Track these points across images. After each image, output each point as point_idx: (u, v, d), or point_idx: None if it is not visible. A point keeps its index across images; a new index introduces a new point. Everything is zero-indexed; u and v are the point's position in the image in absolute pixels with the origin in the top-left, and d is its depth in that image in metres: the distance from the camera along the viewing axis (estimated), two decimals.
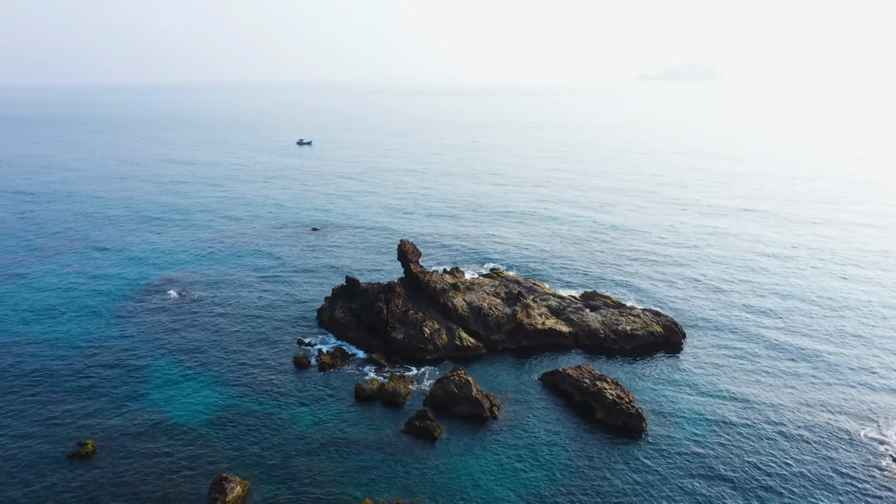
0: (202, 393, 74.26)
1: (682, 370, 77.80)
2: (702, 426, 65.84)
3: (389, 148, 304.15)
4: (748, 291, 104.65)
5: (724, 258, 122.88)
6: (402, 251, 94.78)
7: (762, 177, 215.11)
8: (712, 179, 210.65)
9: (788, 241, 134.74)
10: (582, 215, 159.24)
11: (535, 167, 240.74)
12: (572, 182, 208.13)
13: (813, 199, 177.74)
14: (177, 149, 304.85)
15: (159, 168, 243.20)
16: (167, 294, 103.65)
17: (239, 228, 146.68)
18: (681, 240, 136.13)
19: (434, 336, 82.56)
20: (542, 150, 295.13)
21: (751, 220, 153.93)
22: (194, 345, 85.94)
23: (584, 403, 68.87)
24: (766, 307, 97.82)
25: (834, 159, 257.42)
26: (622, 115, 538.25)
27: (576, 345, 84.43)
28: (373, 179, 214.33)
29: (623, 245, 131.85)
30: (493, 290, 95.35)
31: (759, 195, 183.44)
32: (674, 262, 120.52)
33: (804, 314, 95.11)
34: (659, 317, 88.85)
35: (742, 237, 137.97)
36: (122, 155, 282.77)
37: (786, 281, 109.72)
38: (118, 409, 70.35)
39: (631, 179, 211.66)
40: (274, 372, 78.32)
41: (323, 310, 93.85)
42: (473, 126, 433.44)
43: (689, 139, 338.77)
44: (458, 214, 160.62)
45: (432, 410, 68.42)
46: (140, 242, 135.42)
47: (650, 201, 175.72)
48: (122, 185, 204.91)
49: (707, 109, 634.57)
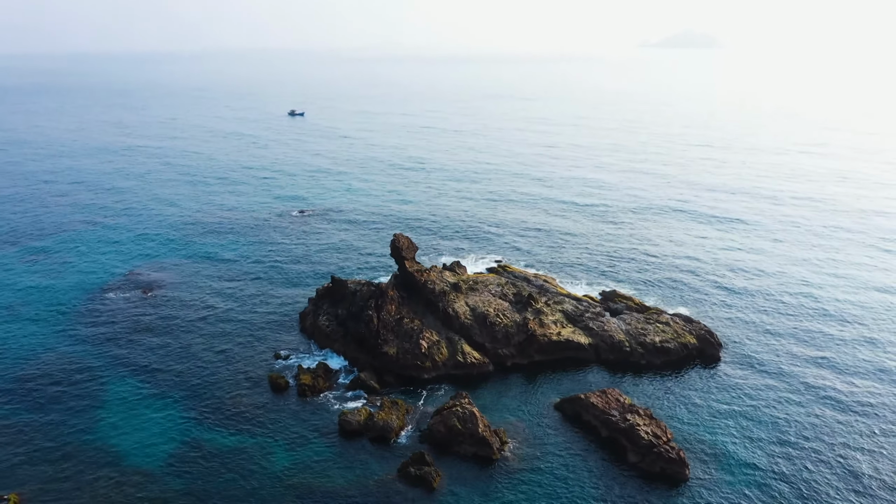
0: (161, 423, 62.86)
1: (723, 393, 66.37)
2: (753, 472, 54.62)
3: (386, 121, 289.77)
4: (790, 286, 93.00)
5: (757, 248, 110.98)
6: (396, 247, 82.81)
7: (789, 156, 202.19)
8: (732, 159, 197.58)
9: (831, 224, 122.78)
10: (591, 198, 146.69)
11: (539, 143, 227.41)
12: (580, 159, 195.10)
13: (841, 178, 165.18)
14: (154, 122, 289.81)
15: (129, 142, 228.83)
16: (130, 293, 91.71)
17: (216, 211, 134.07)
18: (707, 228, 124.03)
19: (433, 350, 70.95)
20: (545, 122, 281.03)
21: (788, 203, 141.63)
22: (157, 358, 74.33)
23: (613, 441, 57.56)
24: (818, 307, 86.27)
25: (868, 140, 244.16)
26: (626, 86, 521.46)
27: (597, 359, 72.95)
28: (367, 155, 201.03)
29: (641, 233, 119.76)
30: (499, 291, 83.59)
31: (786, 177, 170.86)
32: (699, 252, 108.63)
33: (857, 317, 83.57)
34: (691, 324, 77.30)
35: (779, 220, 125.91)
36: (89, 128, 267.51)
37: (834, 273, 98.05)
38: (56, 448, 58.90)
39: (642, 159, 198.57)
40: (246, 396, 66.81)
41: (305, 314, 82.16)
42: (478, 97, 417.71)
43: (701, 111, 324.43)
44: (457, 195, 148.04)
45: (431, 450, 57.14)
46: (102, 229, 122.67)
47: (666, 182, 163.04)
48: (85, 162, 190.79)
49: (714, 79, 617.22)
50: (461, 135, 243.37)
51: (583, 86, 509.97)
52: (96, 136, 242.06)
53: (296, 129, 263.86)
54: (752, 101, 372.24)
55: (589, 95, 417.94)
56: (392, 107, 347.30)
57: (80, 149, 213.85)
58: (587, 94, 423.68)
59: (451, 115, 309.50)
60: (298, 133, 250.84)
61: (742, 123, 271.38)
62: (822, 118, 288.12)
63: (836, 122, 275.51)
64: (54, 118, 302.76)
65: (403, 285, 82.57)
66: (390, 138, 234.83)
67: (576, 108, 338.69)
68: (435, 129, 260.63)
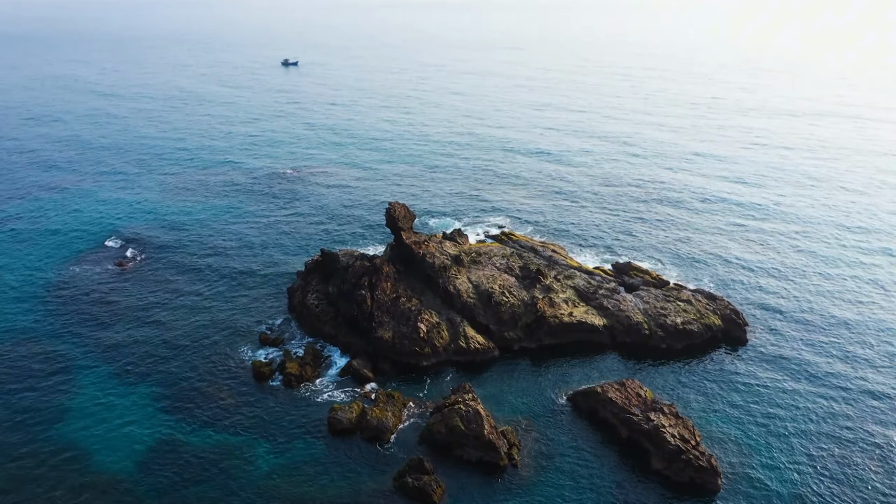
0: (134, 419, 56.94)
1: (753, 382, 60.17)
2: (791, 477, 48.80)
3: (385, 71, 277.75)
4: (824, 257, 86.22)
5: (782, 213, 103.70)
6: (392, 217, 75.64)
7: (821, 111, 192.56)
8: (754, 110, 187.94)
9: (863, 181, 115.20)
10: (600, 156, 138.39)
11: (539, 100, 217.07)
12: (588, 113, 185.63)
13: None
14: (135, 72, 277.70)
15: (111, 95, 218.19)
16: (103, 267, 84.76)
17: (200, 172, 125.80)
18: (728, 188, 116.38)
19: (432, 334, 64.47)
20: (550, 69, 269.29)
21: (824, 162, 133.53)
22: (131, 341, 67.94)
23: (635, 443, 51.59)
24: (853, 283, 79.65)
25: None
26: (630, 29, 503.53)
27: (612, 342, 66.57)
28: (363, 108, 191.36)
29: (654, 194, 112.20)
30: (504, 264, 76.74)
31: (816, 136, 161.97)
32: (721, 217, 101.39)
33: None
34: (714, 301, 70.71)
35: (813, 181, 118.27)
36: (68, 78, 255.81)
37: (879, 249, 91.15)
38: (15, 447, 53.02)
39: (651, 110, 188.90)
40: (227, 386, 60.65)
41: (294, 290, 75.47)
42: (482, 45, 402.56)
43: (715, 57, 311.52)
44: (459, 153, 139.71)
45: (430, 453, 51.23)
46: (71, 195, 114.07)
47: (679, 135, 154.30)
48: (62, 117, 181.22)
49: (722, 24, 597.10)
50: (462, 85, 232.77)
51: (593, 33, 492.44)
52: (66, 93, 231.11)
53: (289, 78, 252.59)
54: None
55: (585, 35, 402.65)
56: (390, 57, 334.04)
57: (49, 105, 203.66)
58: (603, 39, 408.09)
59: (451, 64, 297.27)
60: (291, 83, 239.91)
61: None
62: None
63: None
64: (19, 69, 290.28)
65: (400, 258, 75.74)
66: (389, 92, 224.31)
67: (583, 54, 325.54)
68: (436, 82, 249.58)
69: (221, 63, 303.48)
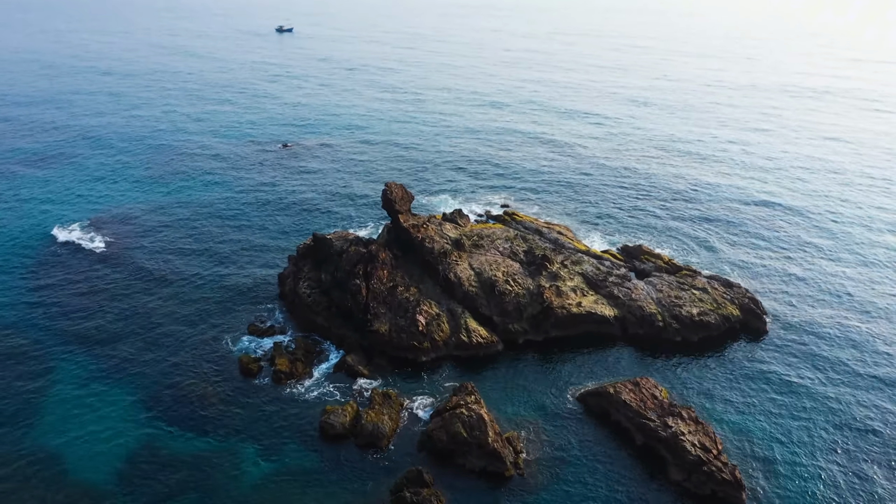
0: (113, 421, 52.91)
1: (775, 379, 56.17)
2: (828, 491, 45.05)
3: (384, 37, 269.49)
4: (849, 238, 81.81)
5: (803, 189, 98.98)
6: (388, 199, 70.97)
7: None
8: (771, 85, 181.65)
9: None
10: (604, 124, 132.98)
11: (544, 63, 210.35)
12: (594, 75, 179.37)
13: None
14: (119, 39, 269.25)
15: (91, 62, 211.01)
16: (83, 248, 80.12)
17: (189, 145, 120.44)
18: (746, 161, 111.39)
19: (432, 327, 60.24)
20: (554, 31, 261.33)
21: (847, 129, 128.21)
22: (112, 333, 63.61)
23: (651, 450, 47.71)
24: (880, 265, 75.36)
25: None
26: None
27: (623, 335, 62.43)
28: (361, 77, 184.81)
29: (666, 171, 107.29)
30: (508, 248, 72.27)
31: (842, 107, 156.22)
32: (736, 194, 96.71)
33: None
34: (731, 289, 66.42)
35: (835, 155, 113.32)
36: (40, 44, 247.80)
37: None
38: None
39: (664, 76, 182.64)
40: (212, 384, 56.50)
41: (285, 276, 71.07)
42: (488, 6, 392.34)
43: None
44: (458, 125, 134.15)
45: (430, 462, 47.38)
46: (50, 168, 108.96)
47: (693, 101, 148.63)
48: (33, 84, 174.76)
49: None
50: (459, 51, 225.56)
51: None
52: (55, 57, 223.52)
53: (283, 46, 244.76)
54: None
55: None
56: (393, 22, 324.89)
57: (26, 68, 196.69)
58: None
59: (450, 33, 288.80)
60: (285, 51, 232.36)
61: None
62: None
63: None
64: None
65: (397, 242, 71.28)
66: (386, 57, 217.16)
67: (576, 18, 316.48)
68: (432, 47, 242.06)
69: (213, 30, 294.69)
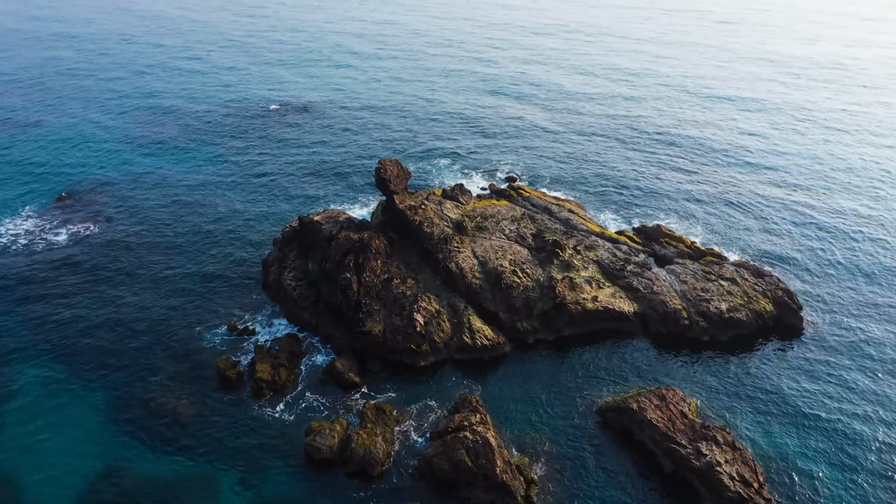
0: (75, 440, 47.12)
1: (816, 388, 50.20)
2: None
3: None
4: (880, 219, 75.05)
5: (837, 166, 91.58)
6: (382, 178, 63.84)
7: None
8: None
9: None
10: (614, 86, 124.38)
11: (549, 21, 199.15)
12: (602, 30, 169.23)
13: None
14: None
15: (56, 19, 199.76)
16: (53, 229, 73.31)
17: (173, 109, 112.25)
18: (768, 131, 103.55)
19: (431, 327, 53.94)
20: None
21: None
22: (78, 332, 57.32)
23: (681, 479, 41.93)
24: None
25: None
26: None
27: (644, 331, 56.21)
28: (351, 30, 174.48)
29: (686, 141, 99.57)
30: (515, 231, 65.44)
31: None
32: (760, 172, 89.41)
33: None
34: (763, 280, 59.88)
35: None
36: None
37: None
38: None
39: (681, 30, 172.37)
40: (186, 395, 50.50)
41: (269, 263, 64.51)
42: None
43: None
44: (458, 87, 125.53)
45: (430, 493, 41.67)
46: (19, 136, 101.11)
47: (717, 60, 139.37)
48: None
49: None
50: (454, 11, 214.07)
51: None
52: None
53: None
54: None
55: None
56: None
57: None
58: None
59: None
60: (275, 4, 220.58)
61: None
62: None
63: None
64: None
65: (392, 225, 64.48)
66: (380, 12, 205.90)
67: None
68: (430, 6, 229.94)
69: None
